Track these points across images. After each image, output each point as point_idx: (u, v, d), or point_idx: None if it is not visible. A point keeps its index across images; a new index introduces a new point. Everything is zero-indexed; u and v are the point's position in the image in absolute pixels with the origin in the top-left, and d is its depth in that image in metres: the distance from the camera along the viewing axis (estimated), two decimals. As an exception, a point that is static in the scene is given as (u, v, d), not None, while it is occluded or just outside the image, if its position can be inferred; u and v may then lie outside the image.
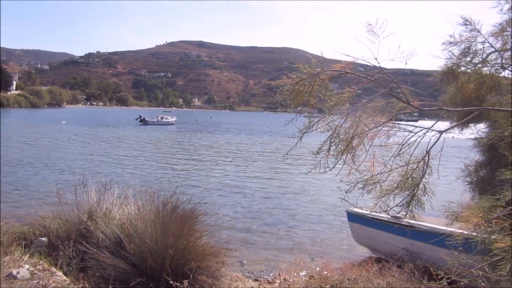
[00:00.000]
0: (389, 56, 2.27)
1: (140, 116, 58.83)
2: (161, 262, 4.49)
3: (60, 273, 4.61)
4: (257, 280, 6.36)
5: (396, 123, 2.47)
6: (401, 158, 2.42)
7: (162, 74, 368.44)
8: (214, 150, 26.57)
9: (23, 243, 5.38)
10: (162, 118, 61.96)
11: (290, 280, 5.75)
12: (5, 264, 4.46)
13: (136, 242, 4.62)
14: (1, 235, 5.12)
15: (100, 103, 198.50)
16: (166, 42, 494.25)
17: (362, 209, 7.56)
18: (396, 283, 4.82)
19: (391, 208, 2.52)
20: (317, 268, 6.10)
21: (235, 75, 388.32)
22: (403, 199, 2.45)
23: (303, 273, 6.15)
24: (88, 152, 22.54)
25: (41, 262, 4.83)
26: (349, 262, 7.36)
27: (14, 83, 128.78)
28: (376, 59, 2.39)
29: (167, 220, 4.75)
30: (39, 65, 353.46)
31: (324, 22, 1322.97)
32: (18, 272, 4.13)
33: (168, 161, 20.58)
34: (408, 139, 2.40)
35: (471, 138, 7.17)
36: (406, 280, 4.87)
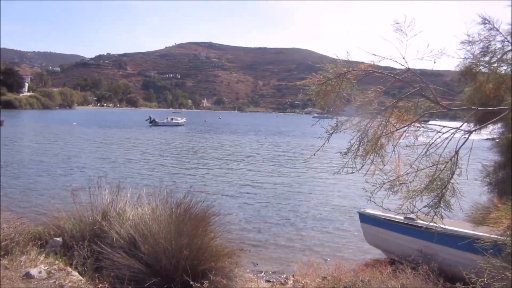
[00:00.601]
0: (417, 55, 2.20)
1: (150, 117, 59.04)
2: (176, 263, 4.47)
3: (75, 273, 4.63)
4: (270, 281, 6.32)
5: (423, 123, 2.41)
6: (428, 158, 2.36)
7: (171, 75, 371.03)
8: (224, 151, 26.55)
9: (39, 243, 5.41)
10: (172, 119, 62.17)
11: (303, 282, 5.70)
12: (22, 263, 4.49)
13: (151, 243, 4.61)
14: (18, 235, 5.15)
15: (110, 105, 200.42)
16: (175, 43, 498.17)
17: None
18: (411, 285, 4.75)
19: (419, 210, 2.46)
20: (330, 269, 6.04)
21: (244, 76, 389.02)
22: (431, 201, 2.39)
23: (316, 274, 6.10)
24: (100, 153, 22.67)
25: (57, 262, 4.85)
26: (362, 263, 7.29)
27: (26, 85, 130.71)
28: (403, 58, 2.32)
29: (181, 221, 4.74)
30: (50, 67, 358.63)
31: (335, 22, 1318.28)
32: (36, 272, 4.15)
33: (180, 162, 20.62)
34: (435, 139, 2.33)
35: (489, 139, 7.05)
36: (421, 282, 4.79)
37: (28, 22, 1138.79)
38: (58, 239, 5.75)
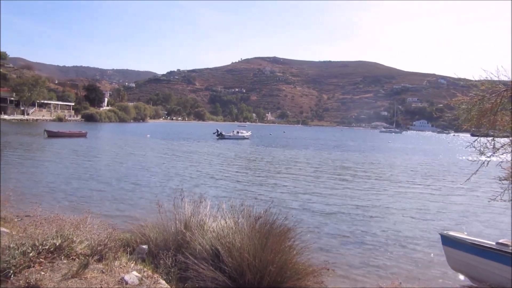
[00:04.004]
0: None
1: (217, 131, 60.93)
2: (259, 278, 4.45)
3: (163, 281, 4.77)
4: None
5: None
6: None
7: (237, 89, 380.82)
8: (294, 165, 26.38)
9: (128, 250, 5.69)
10: (237, 132, 63.65)
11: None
12: (115, 268, 4.75)
13: (235, 256, 4.64)
14: (109, 241, 5.46)
15: (179, 118, 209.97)
16: (241, 59, 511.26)
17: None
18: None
19: None
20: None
21: (308, 90, 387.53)
22: None
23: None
24: (174, 164, 23.62)
25: (145, 269, 5.04)
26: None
27: (106, 99, 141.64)
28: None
29: (264, 235, 4.73)
30: (126, 83, 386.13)
31: (403, 33, 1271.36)
32: (129, 278, 4.35)
33: (254, 175, 20.74)
34: None
35: None
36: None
37: (108, 42, 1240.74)
38: (144, 246, 6.01)
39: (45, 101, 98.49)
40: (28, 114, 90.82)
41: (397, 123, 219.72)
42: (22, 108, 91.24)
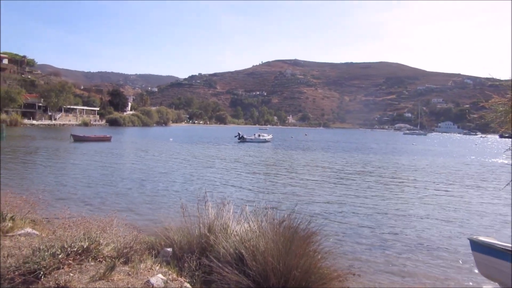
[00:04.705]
0: None
1: (239, 134, 61.44)
2: (284, 283, 4.42)
3: (187, 284, 4.80)
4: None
5: None
6: None
7: (258, 92, 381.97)
8: (316, 169, 26.18)
9: (153, 253, 5.75)
10: (259, 135, 63.95)
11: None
12: (141, 271, 4.81)
13: (259, 260, 4.62)
14: (135, 244, 5.53)
15: (201, 122, 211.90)
16: (261, 62, 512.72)
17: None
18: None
19: None
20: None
21: (330, 92, 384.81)
22: None
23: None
24: (197, 168, 23.82)
25: (170, 271, 5.09)
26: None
27: (129, 104, 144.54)
28: None
29: (288, 239, 4.69)
30: (149, 88, 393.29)
31: (428, 34, 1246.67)
32: (155, 280, 4.40)
33: (276, 178, 20.63)
34: None
35: None
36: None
37: (131, 48, 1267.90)
38: (168, 249, 6.06)
39: (71, 106, 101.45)
40: (55, 119, 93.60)
41: (421, 125, 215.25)
42: (49, 114, 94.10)
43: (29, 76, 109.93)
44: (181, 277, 5.03)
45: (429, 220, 11.99)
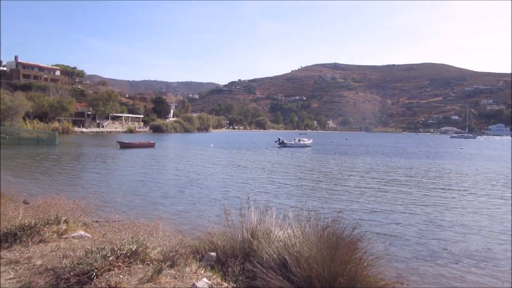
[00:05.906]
0: None
1: (279, 139, 61.67)
2: (328, 290, 4.34)
3: (232, 289, 4.83)
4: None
5: None
6: None
7: (297, 97, 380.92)
8: (357, 174, 25.60)
9: (197, 257, 5.84)
10: (299, 140, 63.76)
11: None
12: (187, 274, 4.89)
13: (303, 266, 4.57)
14: (180, 248, 5.64)
15: (241, 127, 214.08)
16: (301, 66, 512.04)
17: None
18: None
19: None
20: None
21: (371, 95, 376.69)
22: None
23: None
24: (241, 174, 23.93)
25: (214, 276, 5.13)
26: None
27: (172, 111, 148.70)
28: None
29: (334, 246, 4.61)
30: (190, 95, 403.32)
31: (475, 32, 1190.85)
32: (200, 285, 4.46)
33: (318, 183, 20.32)
34: None
35: None
36: None
37: (172, 56, 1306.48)
38: (212, 254, 6.13)
39: (118, 114, 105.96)
40: (103, 127, 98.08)
41: (469, 128, 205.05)
42: (97, 121, 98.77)
43: (79, 86, 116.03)
44: (225, 281, 5.06)
45: (479, 228, 11.36)
